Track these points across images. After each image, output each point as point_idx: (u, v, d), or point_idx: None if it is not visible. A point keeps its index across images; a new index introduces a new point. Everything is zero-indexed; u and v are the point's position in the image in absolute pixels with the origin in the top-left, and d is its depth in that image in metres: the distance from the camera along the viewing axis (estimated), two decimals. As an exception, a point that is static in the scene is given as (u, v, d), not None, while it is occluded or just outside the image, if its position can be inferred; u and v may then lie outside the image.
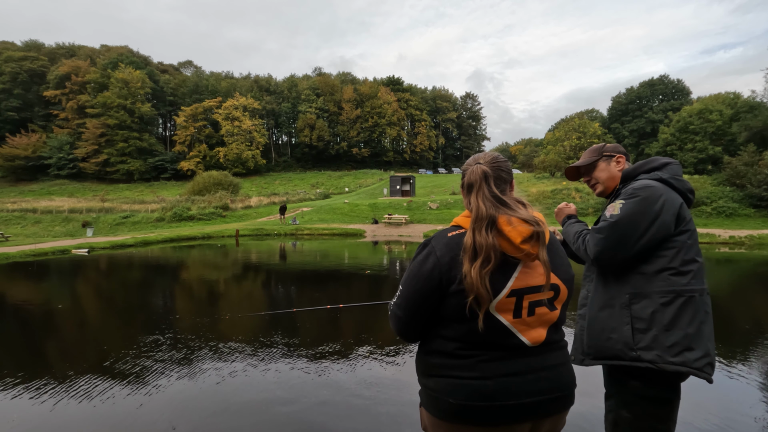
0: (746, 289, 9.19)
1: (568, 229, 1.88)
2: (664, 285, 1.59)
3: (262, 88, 74.38)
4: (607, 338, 1.65)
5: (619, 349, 1.61)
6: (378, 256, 14.72)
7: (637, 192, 1.63)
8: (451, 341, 1.22)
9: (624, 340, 1.60)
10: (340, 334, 5.48)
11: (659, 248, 1.62)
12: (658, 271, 1.61)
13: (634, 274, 1.64)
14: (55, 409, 3.37)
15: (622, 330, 1.62)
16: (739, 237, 18.23)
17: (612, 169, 1.87)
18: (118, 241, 18.40)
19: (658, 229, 1.59)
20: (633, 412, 1.62)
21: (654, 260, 1.62)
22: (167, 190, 51.93)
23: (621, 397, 1.66)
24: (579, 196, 27.66)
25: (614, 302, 1.67)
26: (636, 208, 1.60)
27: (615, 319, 1.65)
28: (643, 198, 1.61)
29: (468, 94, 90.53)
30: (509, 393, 1.16)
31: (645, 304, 1.60)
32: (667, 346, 1.54)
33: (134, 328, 5.92)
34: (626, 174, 1.81)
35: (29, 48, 66.74)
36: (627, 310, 1.63)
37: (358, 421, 3.16)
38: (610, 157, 1.88)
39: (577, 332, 1.83)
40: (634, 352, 1.58)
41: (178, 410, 3.34)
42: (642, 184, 1.66)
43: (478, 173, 1.25)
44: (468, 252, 1.15)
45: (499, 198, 1.22)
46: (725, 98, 40.22)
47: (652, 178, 1.70)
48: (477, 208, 1.20)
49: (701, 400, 3.33)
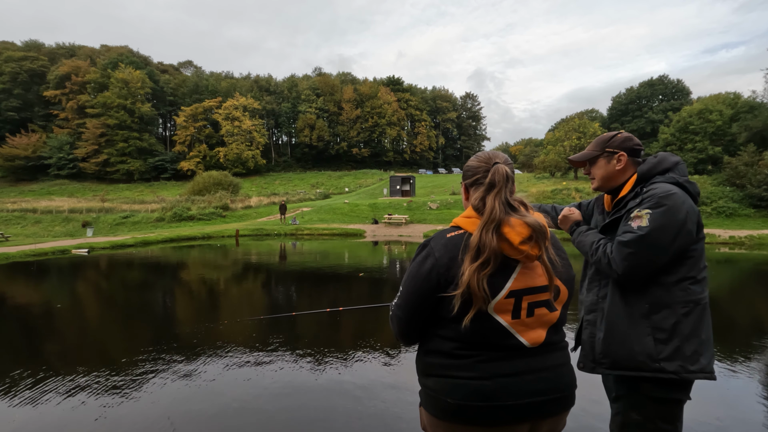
0: (746, 289, 9.18)
1: (581, 239, 1.81)
2: (684, 295, 1.57)
3: (262, 88, 74.36)
4: (628, 349, 1.61)
5: (641, 361, 1.58)
6: (378, 257, 14.71)
7: (663, 201, 1.56)
8: (450, 341, 1.22)
9: (647, 352, 1.57)
10: (340, 334, 5.48)
11: (681, 257, 1.59)
12: (678, 281, 1.58)
13: (653, 284, 1.60)
14: (55, 409, 3.37)
15: (644, 341, 1.58)
16: (739, 237, 18.23)
17: (610, 168, 1.78)
18: (118, 241, 18.40)
19: (684, 238, 1.56)
20: (643, 414, 1.61)
21: (674, 270, 1.59)
22: (167, 190, 51.90)
23: (631, 399, 1.65)
24: (579, 196, 27.63)
25: (633, 312, 1.62)
26: (664, 220, 1.54)
27: (635, 330, 1.61)
28: (669, 207, 1.55)
29: (468, 94, 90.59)
30: (508, 393, 1.16)
31: (666, 314, 1.58)
32: (687, 356, 1.55)
33: (134, 328, 5.92)
34: (641, 175, 1.72)
35: (29, 48, 66.71)
36: (647, 321, 1.59)
37: (357, 420, 3.16)
38: (611, 154, 1.78)
39: (586, 339, 1.77)
40: (657, 363, 1.55)
41: (178, 410, 3.34)
42: (664, 190, 1.59)
43: (502, 174, 1.23)
44: (471, 251, 1.15)
45: (510, 204, 1.22)
46: (725, 98, 40.16)
47: (668, 181, 1.64)
48: (492, 209, 1.18)
49: (702, 400, 3.33)
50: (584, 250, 1.78)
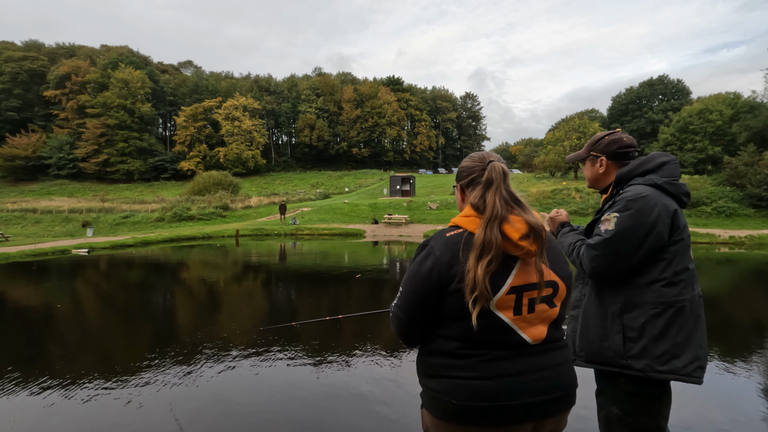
0: (746, 289, 9.18)
1: (562, 240, 1.88)
2: (656, 296, 1.61)
3: (262, 88, 74.36)
4: (599, 345, 1.69)
5: (611, 357, 1.65)
6: (378, 257, 14.71)
7: (630, 204, 1.60)
8: (452, 341, 1.21)
9: (615, 348, 1.64)
10: (341, 336, 5.47)
11: (652, 259, 1.62)
12: (650, 282, 1.62)
13: (626, 284, 1.65)
14: (55, 409, 3.38)
15: (614, 338, 1.65)
16: (739, 237, 18.23)
17: (594, 171, 1.87)
18: (118, 241, 18.40)
19: (654, 241, 1.59)
20: (622, 408, 1.66)
21: (646, 271, 1.63)
22: (167, 190, 51.89)
23: (611, 394, 1.70)
24: (579, 196, 27.60)
25: (606, 310, 1.69)
26: (630, 222, 1.58)
27: (607, 327, 1.68)
28: (636, 210, 1.58)
29: (468, 94, 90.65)
30: (511, 393, 1.16)
31: (636, 314, 1.62)
32: (656, 356, 1.58)
33: (134, 328, 5.92)
34: (620, 177, 1.75)
35: (29, 48, 66.73)
36: (619, 319, 1.65)
37: (358, 422, 3.16)
38: (595, 158, 1.86)
39: (569, 332, 1.86)
40: (624, 360, 1.62)
41: (182, 410, 3.34)
42: (634, 193, 1.62)
43: (499, 171, 1.25)
44: (476, 249, 1.15)
45: (515, 197, 1.23)
46: (725, 98, 40.16)
47: (646, 183, 1.66)
48: (493, 206, 1.19)
49: (702, 400, 3.33)
50: (564, 250, 1.84)
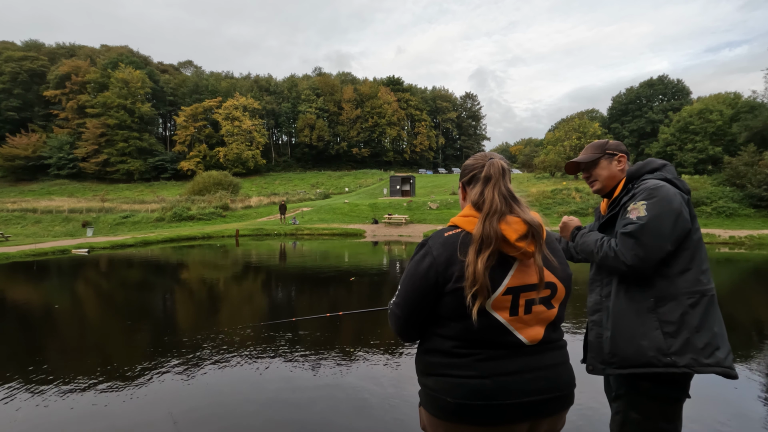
0: (746, 289, 9.18)
1: (585, 240, 1.80)
2: (689, 286, 1.58)
3: (262, 88, 74.36)
4: (637, 346, 1.59)
5: (652, 356, 1.56)
6: (377, 257, 14.72)
7: (654, 193, 1.61)
8: (449, 340, 1.22)
9: (657, 346, 1.56)
10: (340, 334, 5.48)
11: (679, 247, 1.61)
12: (680, 272, 1.60)
13: (655, 276, 1.61)
14: (55, 409, 3.37)
15: (653, 335, 1.58)
16: (739, 237, 18.22)
17: (613, 168, 1.84)
18: (118, 241, 18.40)
19: (682, 227, 1.59)
20: (642, 413, 1.62)
21: (674, 261, 1.61)
22: (167, 190, 51.89)
23: (630, 398, 1.65)
24: (579, 196, 27.61)
25: (638, 306, 1.62)
26: (660, 208, 1.58)
27: (643, 325, 1.60)
28: (661, 197, 1.60)
29: (468, 93, 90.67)
30: (508, 392, 1.16)
31: (672, 306, 1.58)
32: (700, 348, 1.54)
33: (134, 328, 5.92)
34: (631, 174, 1.80)
35: (29, 48, 66.74)
36: (654, 315, 1.59)
37: (357, 420, 3.16)
38: (612, 155, 1.85)
39: (592, 339, 1.77)
40: (668, 357, 1.54)
41: (180, 409, 3.34)
42: (654, 183, 1.65)
43: (498, 167, 1.26)
44: (475, 243, 1.15)
45: (513, 195, 1.24)
46: (725, 98, 40.19)
47: (657, 178, 1.70)
48: (491, 201, 1.20)
49: (702, 399, 3.33)
50: (588, 249, 1.76)
